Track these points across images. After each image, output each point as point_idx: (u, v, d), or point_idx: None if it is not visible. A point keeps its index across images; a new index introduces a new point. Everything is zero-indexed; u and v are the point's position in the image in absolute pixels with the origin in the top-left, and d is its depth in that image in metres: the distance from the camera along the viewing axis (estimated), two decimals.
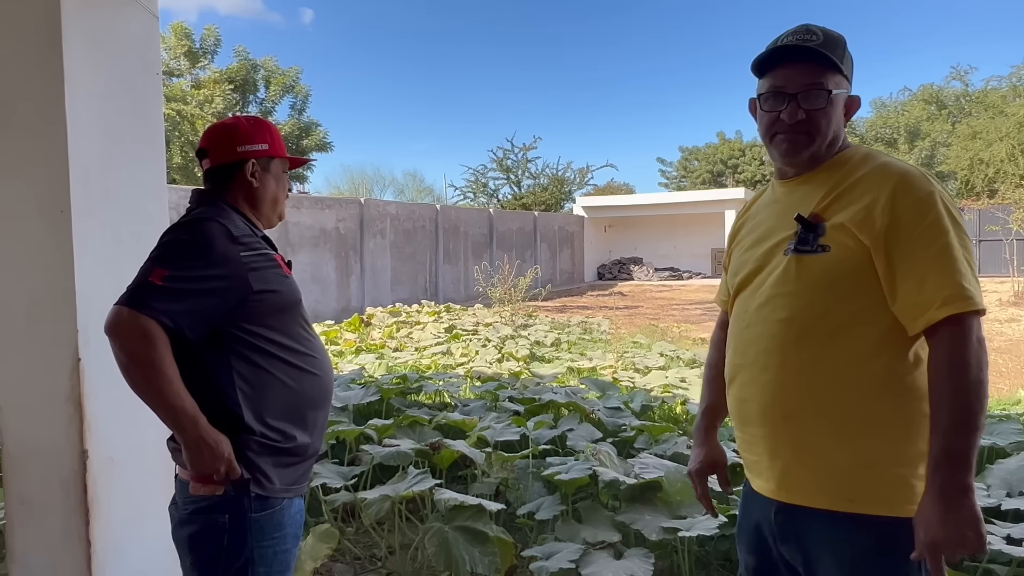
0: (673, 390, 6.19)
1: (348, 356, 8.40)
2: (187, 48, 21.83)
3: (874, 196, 1.40)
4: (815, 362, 1.41)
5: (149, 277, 1.55)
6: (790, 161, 1.54)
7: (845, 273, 1.40)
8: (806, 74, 1.47)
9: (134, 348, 1.52)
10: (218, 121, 1.95)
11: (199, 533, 1.66)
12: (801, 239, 1.45)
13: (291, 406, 1.72)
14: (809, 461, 1.43)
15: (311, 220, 15.20)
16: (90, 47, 2.31)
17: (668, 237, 30.06)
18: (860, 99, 1.57)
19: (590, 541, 2.91)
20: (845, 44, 1.51)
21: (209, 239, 1.63)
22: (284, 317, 1.74)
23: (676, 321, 13.74)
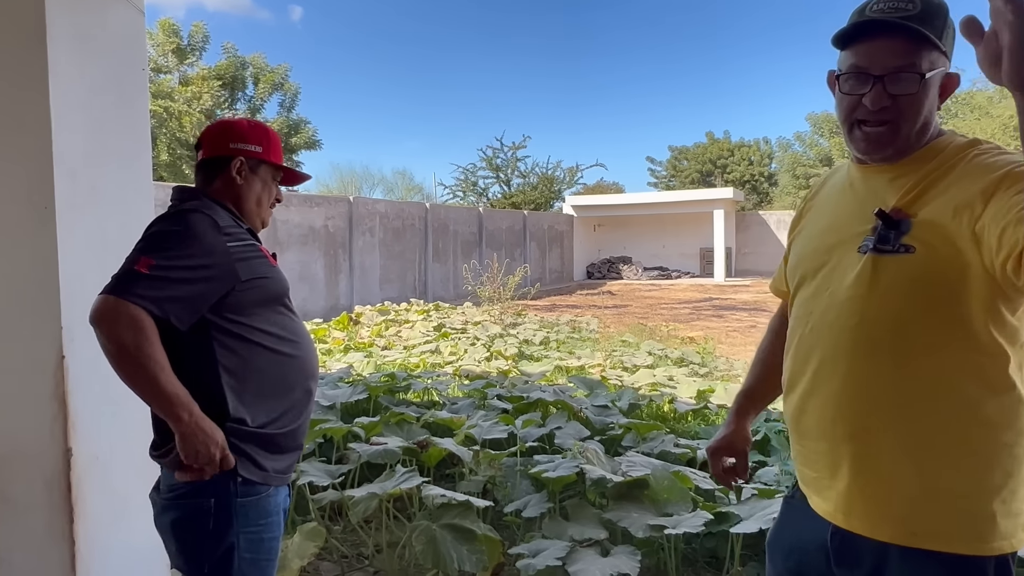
0: (661, 388, 6.21)
1: (336, 355, 8.38)
2: (175, 45, 21.70)
3: (969, 190, 1.19)
4: (886, 377, 1.26)
5: (135, 266, 1.54)
6: (871, 157, 1.35)
7: (931, 279, 1.21)
8: (896, 52, 1.25)
9: (122, 336, 1.50)
10: (220, 119, 1.97)
11: (184, 519, 1.66)
12: (881, 237, 1.26)
13: (276, 394, 1.73)
14: (871, 487, 1.29)
15: (300, 218, 15.14)
16: (75, 42, 2.29)
17: (657, 236, 30.15)
18: (959, 77, 1.33)
19: (577, 539, 2.92)
20: (947, 13, 1.28)
21: (196, 229, 1.63)
22: (270, 306, 1.75)
23: (665, 320, 13.79)
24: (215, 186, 1.82)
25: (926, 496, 1.24)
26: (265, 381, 1.71)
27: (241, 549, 1.66)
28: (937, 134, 1.33)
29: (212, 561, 1.65)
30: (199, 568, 1.67)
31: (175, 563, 1.73)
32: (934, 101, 1.29)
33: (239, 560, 1.66)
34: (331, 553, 3.42)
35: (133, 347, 1.50)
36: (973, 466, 1.22)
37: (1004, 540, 1.23)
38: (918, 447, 1.24)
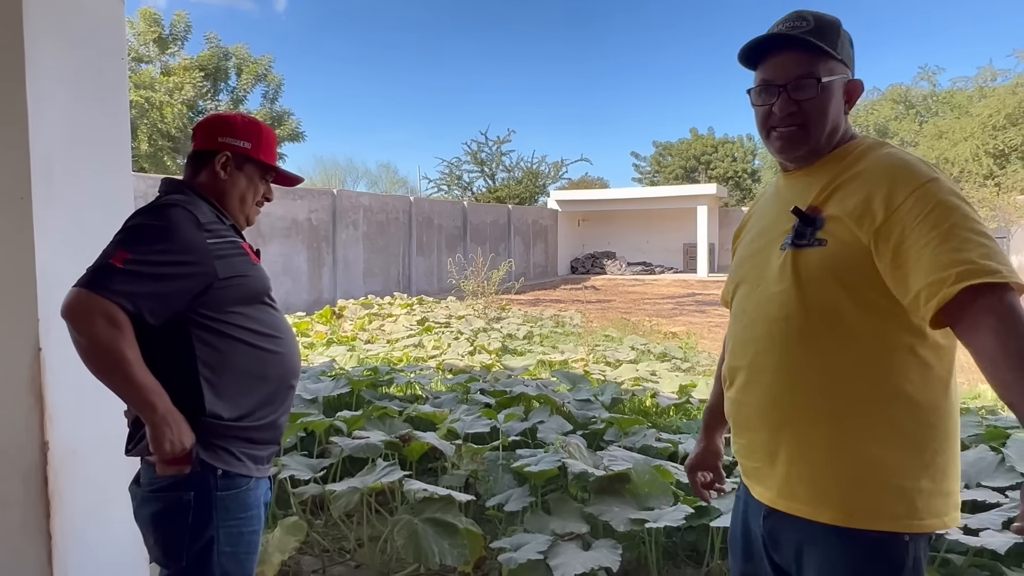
0: (644, 383, 6.24)
1: (319, 348, 8.34)
2: (156, 34, 21.45)
3: (873, 188, 1.31)
4: (815, 365, 1.33)
5: (110, 259, 1.53)
6: (787, 157, 1.48)
7: (843, 268, 1.31)
8: (795, 64, 1.40)
9: (93, 331, 1.49)
10: (219, 113, 1.96)
11: (163, 511, 1.65)
12: (798, 232, 1.38)
13: (254, 388, 1.72)
14: (808, 472, 1.35)
15: (282, 211, 15.03)
16: (53, 30, 2.25)
17: (641, 232, 30.26)
18: (862, 83, 1.48)
19: (559, 532, 2.93)
20: (839, 27, 1.44)
21: (174, 224, 1.61)
22: (250, 303, 1.74)
23: (648, 315, 13.85)
24: (200, 179, 1.81)
25: (860, 477, 1.30)
26: (243, 376, 1.70)
27: (221, 543, 1.65)
28: (849, 137, 1.46)
29: (191, 555, 1.64)
30: (178, 561, 1.65)
31: (154, 556, 1.71)
32: (839, 105, 1.43)
33: (218, 554, 1.65)
34: (312, 547, 3.41)
35: (105, 342, 1.49)
36: (901, 445, 1.29)
37: (936, 518, 1.29)
38: (848, 430, 1.31)
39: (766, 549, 1.45)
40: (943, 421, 1.31)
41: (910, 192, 1.25)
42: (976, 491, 3.26)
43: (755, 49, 1.45)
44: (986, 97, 27.02)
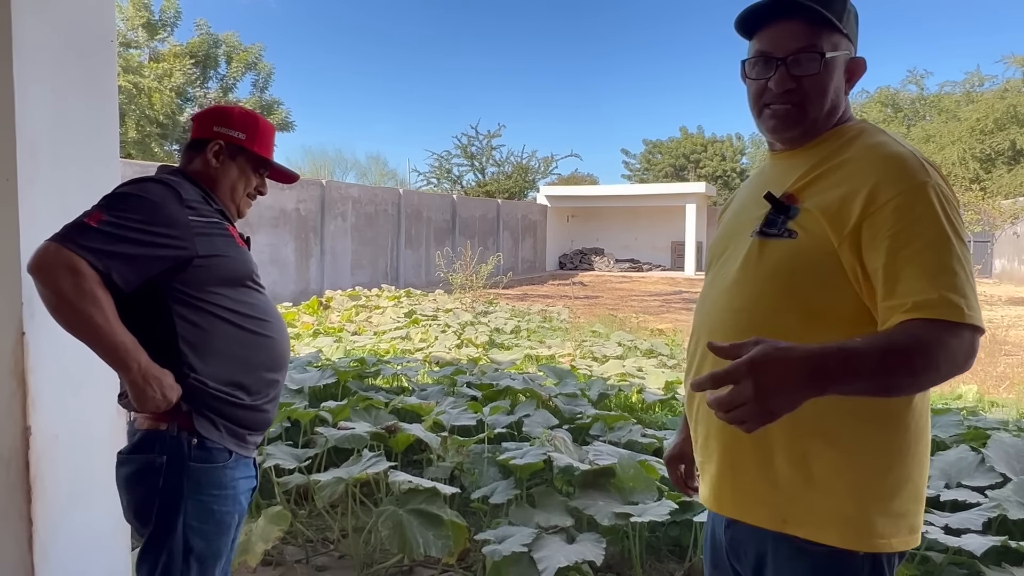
0: (630, 379, 6.26)
1: (305, 339, 8.31)
2: (145, 19, 21.21)
3: (856, 183, 1.20)
4: None
5: (86, 219, 1.53)
6: (779, 137, 1.36)
7: (809, 266, 1.22)
8: (796, 35, 1.27)
9: (57, 284, 1.48)
10: (222, 104, 1.97)
11: (137, 473, 1.66)
12: (769, 220, 1.28)
13: (240, 369, 1.71)
14: (740, 472, 1.29)
15: (270, 200, 14.94)
16: (40, 13, 2.22)
17: (630, 229, 30.33)
18: (865, 62, 1.34)
19: (543, 525, 2.94)
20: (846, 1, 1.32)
21: (155, 195, 1.63)
22: (235, 284, 1.74)
23: (635, 312, 13.89)
24: (194, 166, 1.83)
25: (794, 483, 1.23)
26: (227, 356, 1.69)
27: (188, 514, 1.64)
28: (846, 119, 1.34)
29: (158, 518, 1.64)
30: (146, 523, 1.65)
31: (127, 517, 1.72)
32: (840, 84, 1.31)
33: (184, 526, 1.64)
34: (296, 537, 3.40)
35: (72, 293, 1.48)
36: (839, 458, 1.21)
37: (882, 539, 1.20)
38: (786, 434, 1.21)
39: (729, 558, 1.39)
40: (896, 437, 1.21)
41: (895, 194, 1.15)
42: (956, 491, 3.30)
43: (754, 15, 1.32)
44: (974, 102, 27.27)
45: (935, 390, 6.84)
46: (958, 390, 6.21)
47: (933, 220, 1.14)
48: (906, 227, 1.14)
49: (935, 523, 2.86)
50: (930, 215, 1.14)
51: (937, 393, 6.50)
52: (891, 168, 1.19)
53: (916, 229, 1.13)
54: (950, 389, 6.25)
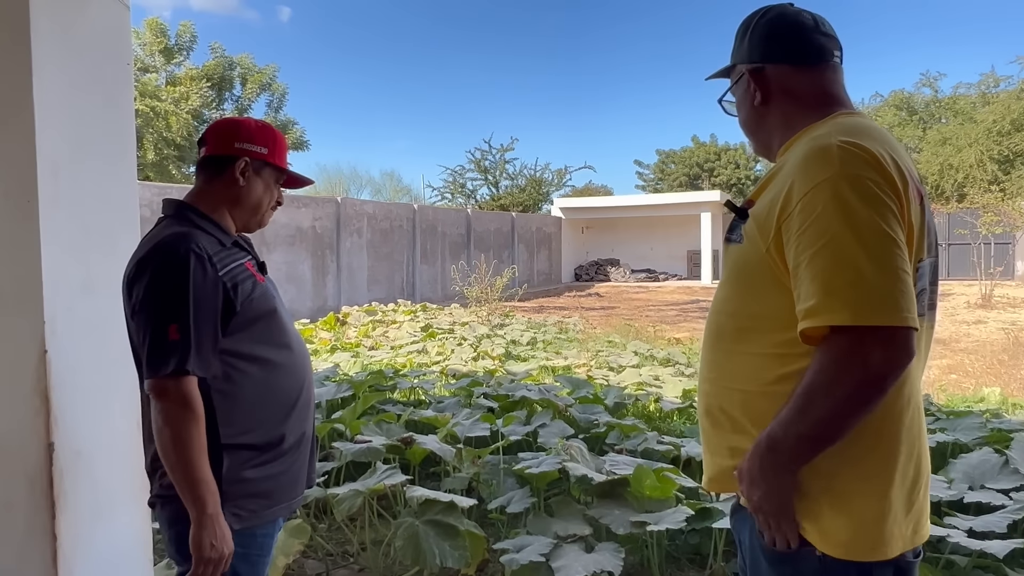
0: (647, 388, 6.23)
1: (323, 355, 8.35)
2: (162, 44, 21.57)
3: (780, 186, 1.24)
4: (722, 363, 1.35)
5: (169, 337, 1.55)
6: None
7: (749, 270, 1.29)
8: None
9: (178, 417, 1.53)
10: (232, 117, 1.95)
11: (180, 509, 1.64)
12: (731, 226, 1.37)
13: (263, 403, 1.71)
14: (715, 463, 1.38)
15: (287, 218, 15.08)
16: (59, 36, 2.28)
17: (645, 239, 30.25)
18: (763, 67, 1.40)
19: (561, 535, 2.94)
20: (745, 27, 1.45)
21: (196, 274, 1.60)
22: (260, 323, 1.73)
23: (652, 322, 13.84)
24: (215, 186, 1.78)
25: None
26: (258, 399, 1.70)
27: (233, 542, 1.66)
28: (811, 123, 1.34)
29: None
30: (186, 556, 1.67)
31: (169, 553, 1.74)
32: (748, 107, 1.45)
33: None
34: (316, 551, 3.42)
35: (188, 428, 1.54)
36: None
37: (826, 536, 1.20)
38: (741, 435, 1.29)
39: (737, 544, 1.46)
40: (852, 448, 1.19)
41: (803, 195, 1.17)
42: (980, 493, 3.26)
43: None
44: (989, 103, 27.00)
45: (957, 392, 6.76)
46: (981, 392, 6.13)
47: (830, 219, 1.13)
48: (807, 229, 1.15)
49: (959, 526, 2.83)
50: (828, 213, 1.13)
51: (960, 397, 6.43)
52: (804, 167, 1.20)
53: (815, 230, 1.14)
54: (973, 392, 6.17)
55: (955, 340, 11.23)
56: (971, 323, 13.25)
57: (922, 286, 1.26)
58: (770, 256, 1.23)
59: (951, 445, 3.96)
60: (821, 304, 1.11)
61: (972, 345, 10.66)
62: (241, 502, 1.66)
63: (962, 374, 8.32)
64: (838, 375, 1.11)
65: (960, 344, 10.82)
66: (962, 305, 16.26)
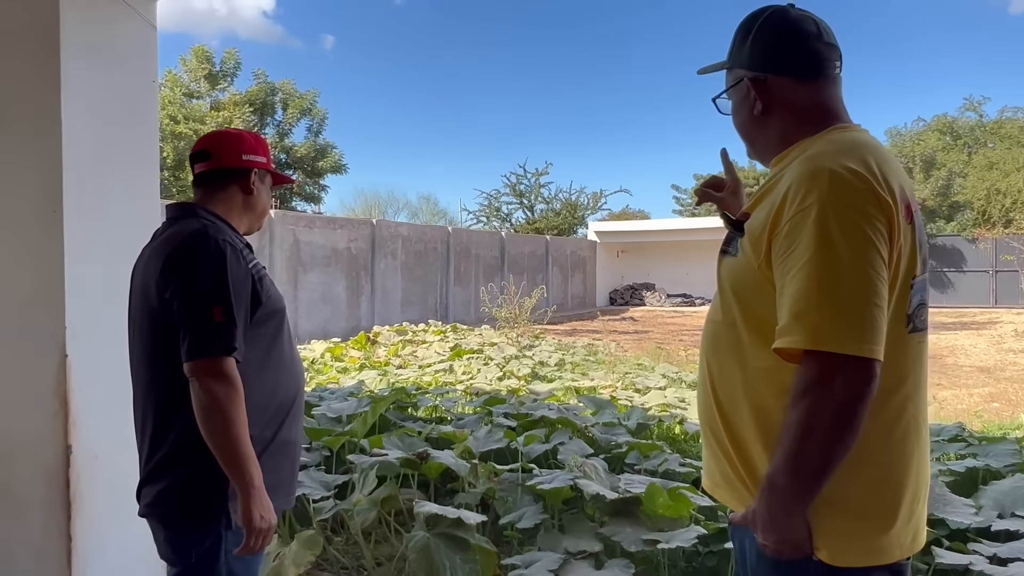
0: (671, 409, 6.16)
1: (352, 372, 8.44)
2: (207, 71, 22.26)
3: (773, 203, 1.26)
4: (719, 372, 1.37)
5: (213, 317, 1.59)
6: None
7: (744, 283, 1.32)
8: None
9: (228, 392, 1.57)
10: (221, 129, 2.04)
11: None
12: (727, 238, 1.40)
13: (272, 403, 1.77)
14: (720, 471, 1.39)
15: (323, 240, 15.33)
16: (87, 54, 2.39)
17: (681, 263, 29.98)
18: (763, 77, 1.38)
19: (572, 551, 2.91)
20: (747, 25, 1.41)
21: (229, 260, 1.67)
22: (274, 320, 1.80)
23: (685, 346, 13.69)
24: (220, 196, 1.85)
25: (755, 485, 1.28)
26: (266, 394, 1.75)
27: (228, 542, 1.69)
28: (810, 135, 1.35)
29: (200, 552, 1.69)
30: (186, 559, 1.70)
31: (163, 554, 1.77)
32: (745, 112, 1.43)
33: (225, 553, 1.69)
34: (331, 564, 3.43)
35: (235, 400, 1.58)
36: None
37: (823, 537, 1.21)
38: (737, 444, 1.32)
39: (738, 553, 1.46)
40: (850, 462, 1.18)
41: (790, 216, 1.19)
42: (1009, 521, 3.15)
43: None
44: None
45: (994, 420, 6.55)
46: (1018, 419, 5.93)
47: (811, 244, 1.15)
48: (792, 250, 1.18)
49: (982, 552, 2.74)
50: (810, 238, 1.16)
51: (996, 423, 6.23)
52: (796, 188, 1.21)
53: (797, 253, 1.17)
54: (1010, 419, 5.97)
55: (1000, 368, 10.89)
56: (1018, 351, 12.83)
57: (921, 300, 1.28)
58: (762, 272, 1.26)
59: (982, 471, 3.84)
60: (789, 325, 1.15)
61: (1018, 374, 10.32)
62: None
63: (1004, 402, 8.06)
64: (810, 405, 1.14)
65: (1005, 372, 10.49)
66: (1009, 334, 15.75)
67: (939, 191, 28.31)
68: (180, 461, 1.68)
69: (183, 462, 1.68)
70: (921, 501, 1.29)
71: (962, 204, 28.47)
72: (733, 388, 1.33)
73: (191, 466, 1.66)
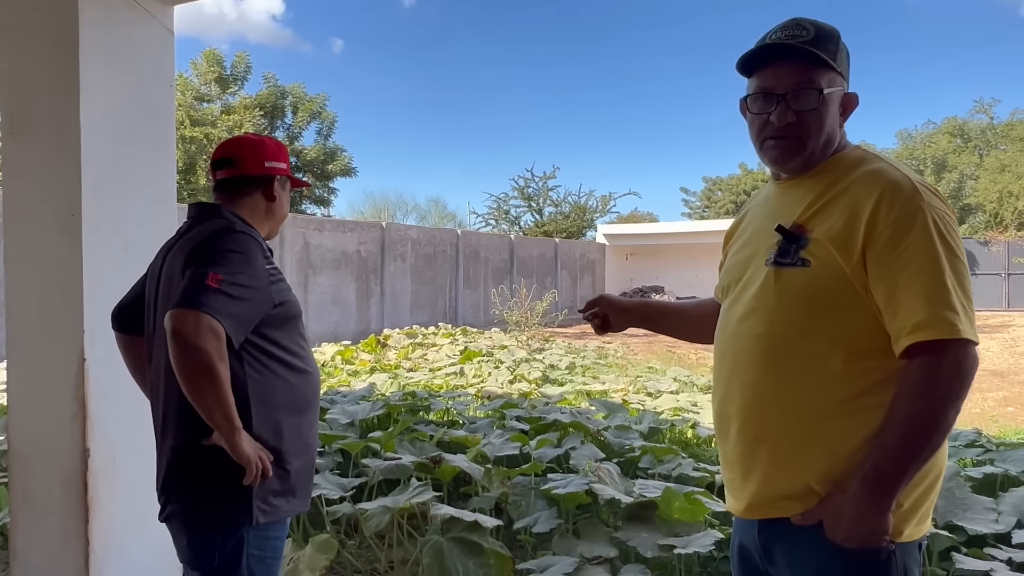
0: (684, 413, 6.14)
1: (362, 375, 8.45)
2: (217, 74, 22.36)
3: (857, 211, 1.30)
4: (787, 384, 1.35)
5: (206, 280, 1.57)
6: (781, 167, 1.46)
7: (825, 291, 1.31)
8: (795, 73, 1.37)
9: (205, 346, 1.52)
10: (242, 135, 2.03)
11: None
12: (782, 250, 1.38)
13: (292, 405, 1.78)
14: (776, 485, 1.37)
15: (333, 243, 15.38)
16: (106, 59, 2.40)
17: (691, 266, 29.89)
18: (858, 97, 1.45)
19: (586, 556, 2.90)
20: (838, 38, 1.41)
21: (252, 252, 1.69)
22: (289, 325, 1.80)
23: (695, 349, 13.64)
24: (244, 203, 1.86)
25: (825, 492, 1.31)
26: (285, 395, 1.76)
27: (250, 544, 1.70)
28: (842, 148, 1.45)
29: (223, 555, 1.69)
30: (209, 562, 1.71)
31: (185, 558, 1.77)
32: (835, 118, 1.42)
33: (247, 556, 1.70)
34: (345, 568, 3.43)
35: (216, 357, 1.54)
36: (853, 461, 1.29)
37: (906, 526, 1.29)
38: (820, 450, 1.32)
39: (762, 562, 1.45)
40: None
41: (892, 220, 1.26)
42: None
43: (754, 58, 1.43)
44: None
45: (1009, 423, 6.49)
46: None
47: (927, 243, 1.25)
48: (903, 251, 1.25)
49: (998, 556, 2.71)
50: (924, 238, 1.25)
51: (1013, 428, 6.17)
52: (887, 195, 1.29)
53: (912, 252, 1.25)
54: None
55: (1014, 372, 10.80)
56: None
57: None
58: (854, 276, 1.29)
59: (1000, 477, 3.80)
60: (931, 319, 1.21)
61: None
62: (269, 497, 1.71)
63: (1019, 407, 8.00)
64: (944, 394, 1.21)
65: (1019, 377, 10.40)
66: (1023, 337, 15.63)
67: (951, 193, 28.13)
68: (201, 461, 1.67)
69: (204, 462, 1.67)
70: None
71: (974, 207, 28.30)
72: (811, 399, 1.32)
73: (213, 466, 1.65)
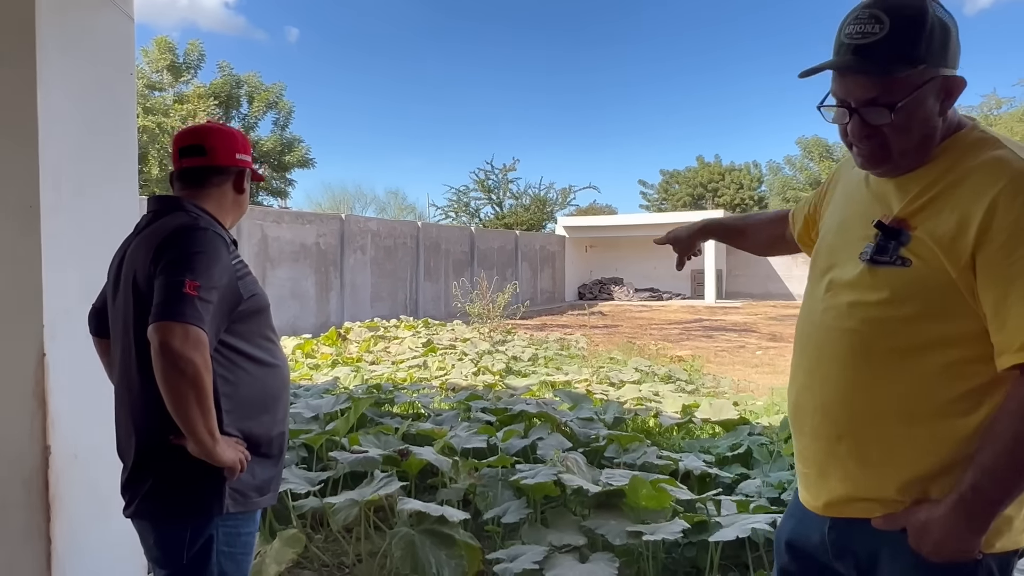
0: (646, 403, 6.23)
1: (324, 369, 8.37)
2: (170, 62, 21.82)
3: (971, 208, 1.18)
4: (876, 384, 1.28)
5: (183, 289, 1.54)
6: (871, 172, 1.36)
7: (925, 294, 1.22)
8: (864, 86, 1.23)
9: (196, 360, 1.50)
10: (211, 123, 1.99)
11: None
12: (880, 247, 1.28)
13: (262, 401, 1.76)
14: (857, 486, 1.32)
15: (291, 235, 15.16)
16: (64, 47, 2.33)
17: (649, 258, 30.26)
18: (964, 79, 1.25)
19: (556, 545, 2.93)
20: (923, 19, 1.20)
21: (219, 251, 1.65)
22: (258, 319, 1.78)
23: (655, 340, 13.83)
24: (212, 193, 1.83)
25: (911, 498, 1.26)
26: (253, 390, 1.74)
27: (219, 541, 1.68)
28: (952, 131, 1.29)
29: (191, 554, 1.67)
30: (177, 561, 1.68)
31: (152, 557, 1.74)
32: (928, 114, 1.24)
33: (217, 553, 1.68)
34: (312, 562, 3.41)
35: (204, 367, 1.52)
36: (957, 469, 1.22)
37: (1005, 537, 1.23)
38: (906, 454, 1.26)
39: (830, 557, 1.41)
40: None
41: (1011, 221, 1.13)
42: None
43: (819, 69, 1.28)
44: (993, 125, 27.05)
45: None
46: None
47: None
48: (1020, 258, 1.12)
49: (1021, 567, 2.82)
50: None
51: None
52: (1009, 189, 1.15)
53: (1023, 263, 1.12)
54: None
55: None
56: None
57: None
58: (960, 279, 1.19)
59: None
60: None
61: None
62: (239, 488, 1.69)
63: None
64: None
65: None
66: None
67: None
68: (168, 456, 1.64)
69: (171, 457, 1.64)
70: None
71: None
72: (907, 399, 1.26)
73: (181, 459, 1.62)
